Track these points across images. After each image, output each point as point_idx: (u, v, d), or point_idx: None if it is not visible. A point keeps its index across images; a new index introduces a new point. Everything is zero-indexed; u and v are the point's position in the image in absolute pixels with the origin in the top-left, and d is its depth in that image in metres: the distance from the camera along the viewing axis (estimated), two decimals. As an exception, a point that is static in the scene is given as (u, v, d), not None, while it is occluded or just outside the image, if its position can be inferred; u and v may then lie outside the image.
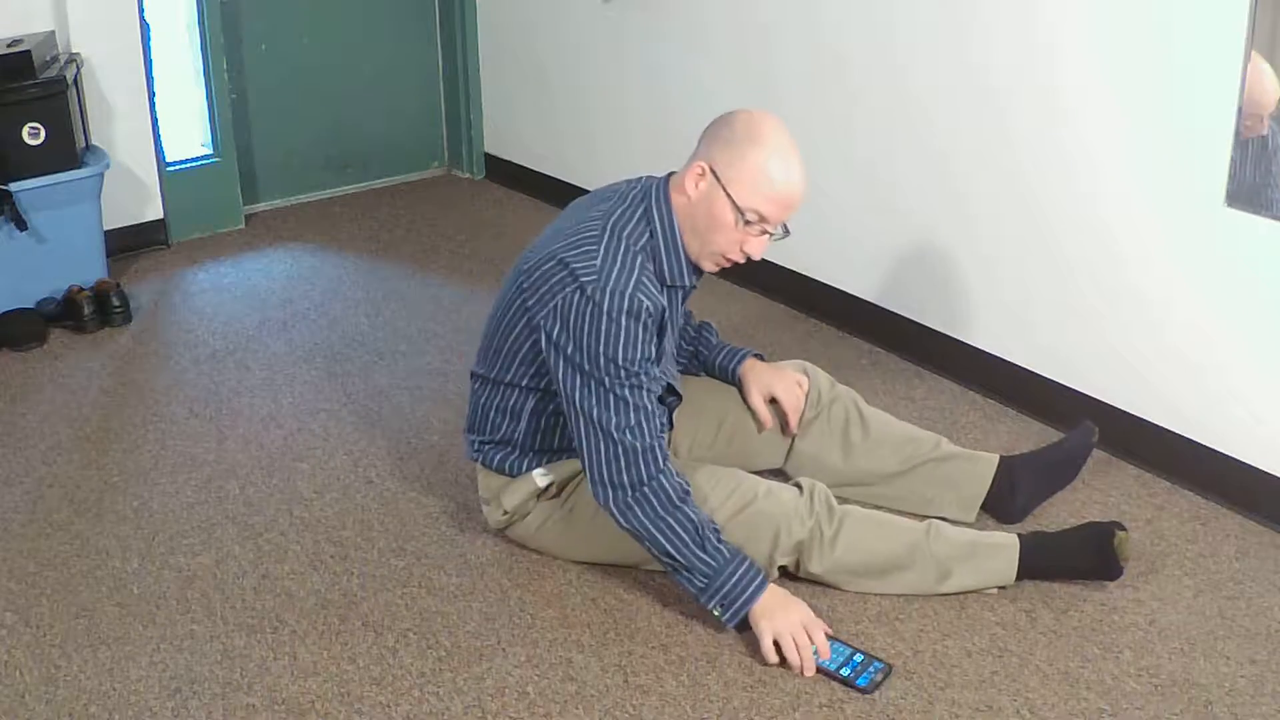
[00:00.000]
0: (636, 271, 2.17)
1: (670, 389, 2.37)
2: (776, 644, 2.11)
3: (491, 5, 4.54)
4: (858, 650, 2.14)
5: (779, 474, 2.55)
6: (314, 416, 3.02)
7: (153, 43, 3.93)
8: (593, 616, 2.27)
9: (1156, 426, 2.72)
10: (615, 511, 2.16)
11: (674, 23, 3.76)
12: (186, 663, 2.15)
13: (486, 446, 2.40)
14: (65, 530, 2.55)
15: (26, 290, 3.50)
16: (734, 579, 2.12)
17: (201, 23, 4.06)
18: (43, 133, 3.45)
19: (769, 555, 2.25)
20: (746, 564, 2.14)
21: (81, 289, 3.51)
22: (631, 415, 2.14)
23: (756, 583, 2.13)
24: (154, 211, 4.05)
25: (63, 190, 3.51)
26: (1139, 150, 2.63)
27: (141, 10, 3.86)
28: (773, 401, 2.53)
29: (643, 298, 2.14)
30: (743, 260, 2.24)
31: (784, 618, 2.12)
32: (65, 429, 2.96)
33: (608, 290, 2.13)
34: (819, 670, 2.09)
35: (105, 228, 3.70)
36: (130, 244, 4.00)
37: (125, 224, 3.96)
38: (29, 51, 3.40)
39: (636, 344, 2.14)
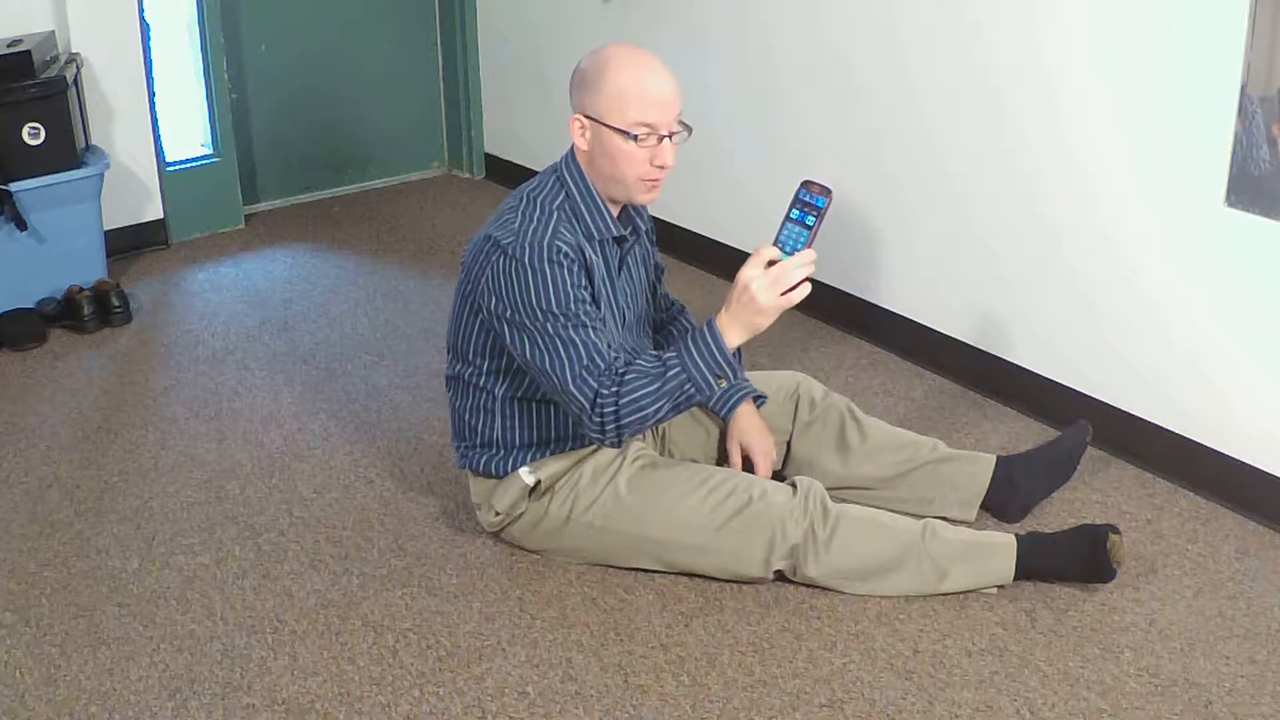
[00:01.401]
0: (552, 224, 2.21)
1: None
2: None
3: (491, 5, 4.54)
4: (787, 223, 2.10)
5: (776, 477, 2.54)
6: (314, 416, 3.02)
7: (153, 43, 3.93)
8: (593, 616, 2.27)
9: (1156, 426, 2.72)
10: (608, 436, 2.16)
11: (674, 23, 3.76)
12: (186, 663, 2.15)
13: (471, 452, 2.41)
14: (65, 530, 2.55)
15: (26, 290, 3.50)
16: (700, 361, 2.11)
17: (201, 23, 4.06)
18: (43, 133, 3.45)
19: (764, 559, 2.26)
20: (698, 342, 2.11)
21: (81, 289, 3.51)
22: (581, 355, 2.15)
23: (710, 339, 2.10)
24: (154, 211, 4.05)
25: (63, 190, 3.51)
26: (1139, 150, 2.63)
27: (141, 10, 3.86)
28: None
29: (558, 243, 2.19)
30: (660, 174, 2.22)
31: (751, 306, 2.07)
32: (65, 429, 2.96)
33: (524, 244, 2.18)
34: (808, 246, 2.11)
35: (105, 228, 3.70)
36: (130, 244, 4.00)
37: (125, 224, 3.96)
38: (29, 51, 3.41)
39: (562, 287, 2.17)
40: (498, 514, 2.39)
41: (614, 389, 2.13)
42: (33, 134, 3.44)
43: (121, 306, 3.52)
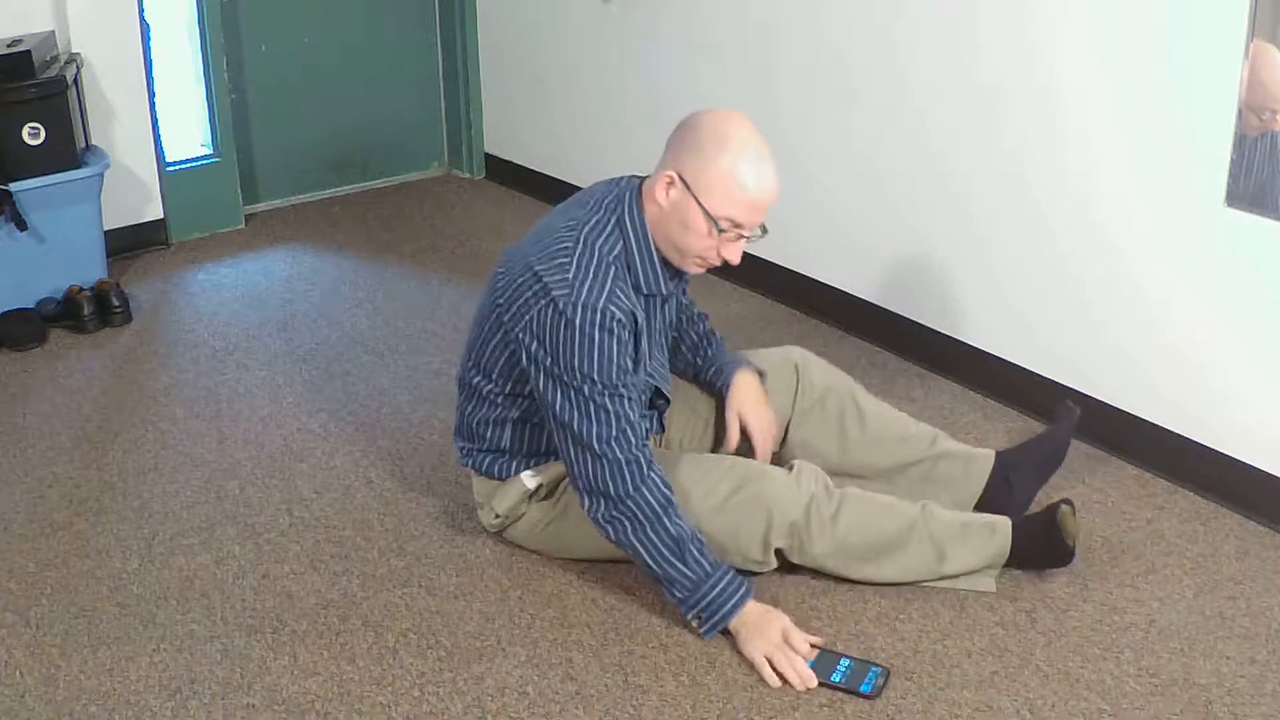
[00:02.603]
0: (609, 284, 2.15)
1: (659, 392, 2.38)
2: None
3: (491, 5, 4.54)
4: (843, 655, 2.13)
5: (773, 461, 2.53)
6: (314, 416, 3.02)
7: (153, 43, 3.93)
8: (593, 616, 2.27)
9: (1156, 426, 2.72)
10: (600, 523, 2.17)
11: (674, 23, 3.76)
12: (186, 663, 2.15)
13: (476, 453, 2.40)
14: (65, 530, 2.55)
15: (26, 290, 3.50)
16: (714, 593, 2.13)
17: (201, 23, 4.06)
18: (43, 133, 3.45)
19: (763, 538, 2.24)
20: (727, 578, 2.13)
21: (81, 289, 3.51)
22: (613, 426, 2.13)
23: (736, 597, 2.13)
24: (154, 211, 4.05)
25: (63, 190, 3.51)
26: (1139, 150, 2.63)
27: (141, 10, 3.86)
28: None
29: (614, 309, 2.13)
30: (720, 264, 2.21)
31: (764, 638, 2.12)
32: (65, 429, 2.96)
33: (579, 305, 2.12)
34: (821, 684, 2.09)
35: (105, 228, 3.70)
36: (130, 244, 4.00)
37: (125, 224, 3.96)
38: (29, 51, 3.40)
39: (612, 357, 2.13)
40: (498, 516, 2.39)
41: (636, 482, 2.13)
42: (33, 134, 3.44)
43: (121, 306, 3.52)
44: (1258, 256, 2.47)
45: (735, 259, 2.18)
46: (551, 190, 4.40)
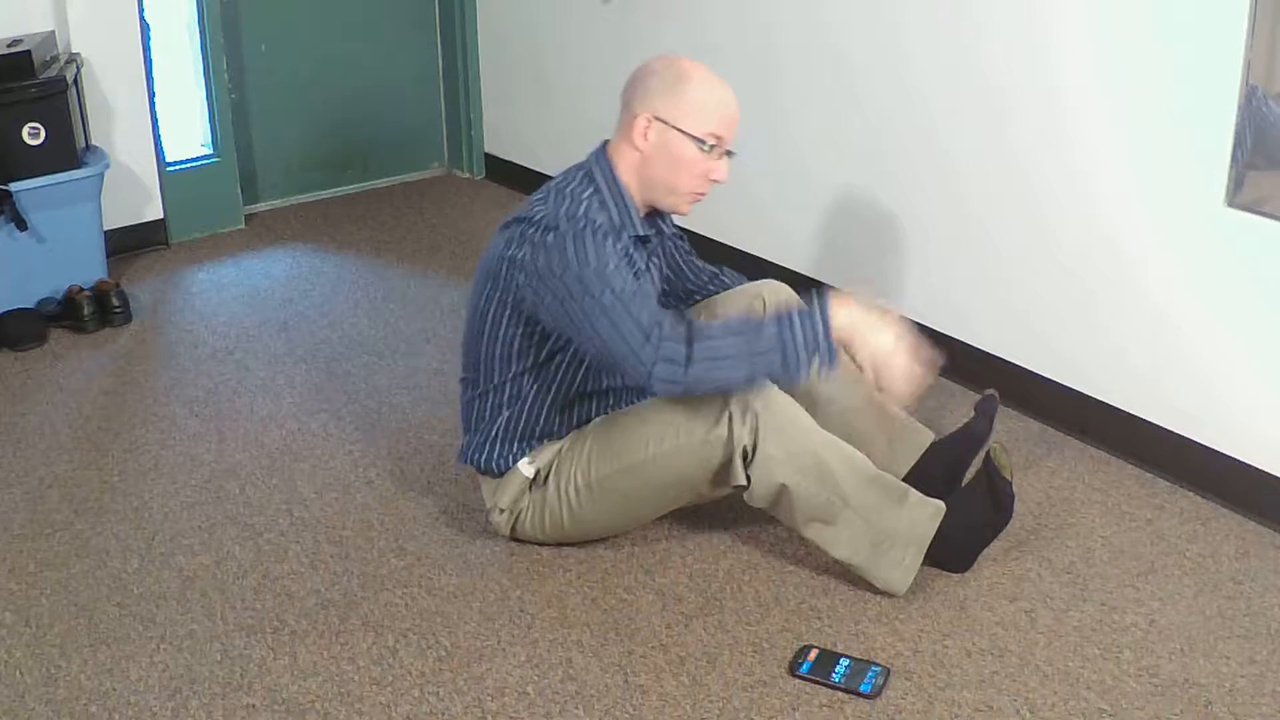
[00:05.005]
0: (584, 206, 2.23)
1: None
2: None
3: (491, 5, 4.54)
4: (843, 655, 2.13)
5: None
6: (314, 416, 3.02)
7: (153, 43, 3.93)
8: (593, 616, 2.27)
9: (1157, 426, 2.72)
10: (678, 386, 2.15)
11: (674, 23, 3.76)
12: (186, 663, 2.15)
13: (475, 454, 2.41)
14: (65, 530, 2.55)
15: (26, 290, 3.50)
16: (798, 330, 2.11)
17: (201, 23, 4.06)
18: (43, 133, 3.45)
19: (720, 409, 2.20)
20: (796, 314, 2.12)
21: (81, 289, 3.51)
22: (643, 308, 2.13)
23: (816, 314, 2.12)
24: (154, 211, 4.05)
25: (63, 190, 3.51)
26: (1139, 150, 2.63)
27: (141, 10, 3.86)
28: None
29: (596, 218, 2.21)
30: (708, 190, 2.30)
31: (874, 329, 2.13)
32: (65, 429, 2.96)
33: (562, 218, 2.20)
34: (813, 681, 2.09)
35: (105, 228, 3.70)
36: (130, 244, 4.00)
37: (125, 224, 3.96)
38: (29, 51, 3.41)
39: (607, 259, 2.16)
40: (502, 510, 2.40)
41: (684, 331, 2.13)
42: (33, 134, 3.44)
43: (121, 306, 3.52)
44: (1258, 256, 2.47)
45: (724, 176, 2.29)
46: (551, 190, 4.40)
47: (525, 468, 2.37)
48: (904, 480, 2.40)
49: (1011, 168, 2.90)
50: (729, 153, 2.30)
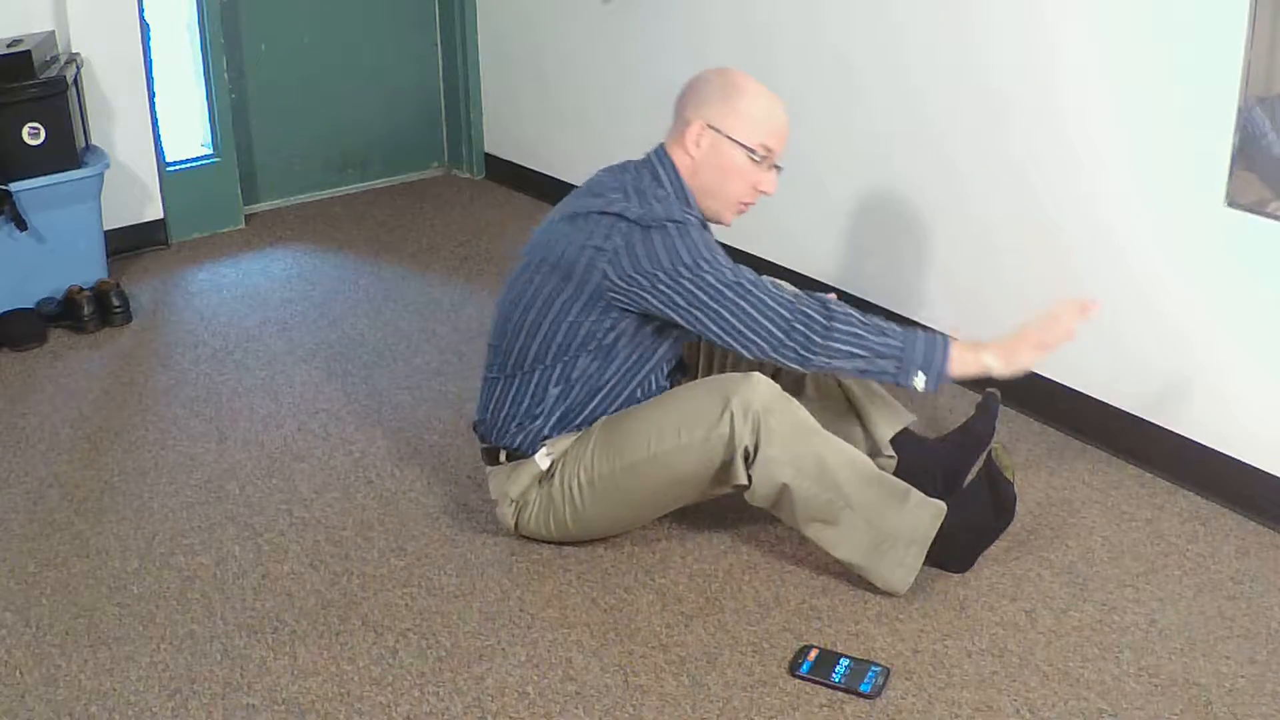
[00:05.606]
0: (674, 206, 2.29)
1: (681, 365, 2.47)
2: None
3: (491, 5, 4.54)
4: (843, 655, 2.13)
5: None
6: (314, 416, 3.02)
7: (153, 43, 3.93)
8: (593, 616, 2.27)
9: (1157, 426, 2.72)
10: (816, 360, 2.20)
11: (674, 23, 3.76)
12: (186, 663, 2.15)
13: (504, 430, 2.39)
14: (65, 530, 2.55)
15: (26, 290, 3.50)
16: (921, 342, 2.20)
17: (201, 23, 4.06)
18: (43, 133, 3.45)
19: (722, 404, 2.21)
20: (923, 332, 2.23)
21: (81, 289, 3.51)
22: (767, 291, 2.21)
23: (941, 339, 2.21)
24: (154, 211, 4.05)
25: (63, 190, 3.51)
26: (1139, 150, 2.63)
27: (141, 10, 3.86)
28: None
29: (688, 216, 2.27)
30: (755, 201, 2.38)
31: (1024, 342, 2.26)
32: (65, 429, 2.96)
33: (658, 215, 2.24)
34: (813, 681, 2.09)
35: (105, 228, 3.70)
36: (130, 244, 4.00)
37: (125, 224, 3.96)
38: (29, 51, 3.40)
39: (714, 245, 2.25)
40: (512, 500, 2.40)
41: (818, 303, 2.20)
42: (33, 134, 3.44)
43: (121, 306, 3.52)
44: (1258, 256, 2.47)
45: (772, 188, 2.37)
46: (551, 190, 4.40)
47: (542, 459, 2.37)
48: (901, 474, 2.41)
49: (1012, 168, 2.90)
50: (777, 166, 2.36)
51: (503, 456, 2.41)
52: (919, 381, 2.20)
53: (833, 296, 2.32)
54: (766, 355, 2.22)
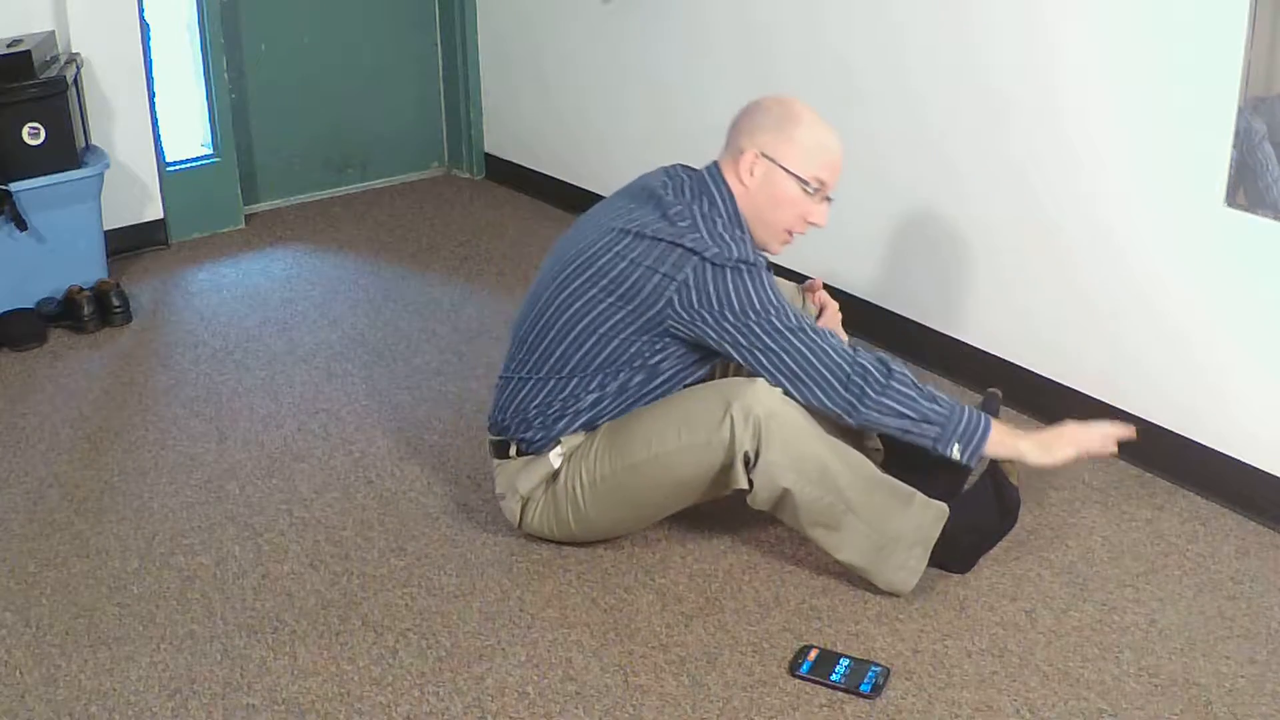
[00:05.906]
0: (740, 245, 2.27)
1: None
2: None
3: (491, 5, 4.54)
4: (843, 655, 2.13)
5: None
6: (314, 416, 3.02)
7: (153, 43, 3.93)
8: (593, 616, 2.27)
9: (1157, 427, 2.72)
10: (866, 420, 2.22)
11: (674, 23, 3.76)
12: (186, 663, 2.15)
13: (528, 426, 2.37)
14: (65, 530, 2.55)
15: (26, 290, 3.50)
16: (967, 415, 2.22)
17: (201, 23, 4.06)
18: (43, 133, 3.45)
19: (723, 409, 2.21)
20: (968, 407, 2.24)
21: (81, 289, 3.51)
22: (831, 343, 2.22)
23: (983, 416, 2.22)
24: (154, 211, 4.05)
25: (63, 190, 3.51)
26: (1139, 150, 2.63)
27: (141, 10, 3.86)
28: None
29: (752, 255, 2.26)
30: (805, 231, 2.36)
31: (1063, 439, 2.27)
32: (65, 429, 2.96)
33: (726, 256, 2.22)
34: (813, 681, 2.09)
35: (105, 228, 3.70)
36: (130, 244, 4.00)
37: (125, 224, 3.96)
38: (29, 51, 3.40)
39: (779, 289, 2.27)
40: (522, 497, 2.39)
41: (875, 359, 2.22)
42: (33, 134, 3.44)
43: (121, 306, 3.52)
44: (1258, 256, 2.47)
45: (823, 221, 2.36)
46: (551, 190, 4.40)
47: (555, 458, 2.37)
48: (891, 462, 2.42)
49: (1011, 167, 2.90)
50: (829, 199, 2.35)
51: (513, 451, 2.41)
52: (955, 451, 2.21)
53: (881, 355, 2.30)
54: (819, 402, 2.22)
